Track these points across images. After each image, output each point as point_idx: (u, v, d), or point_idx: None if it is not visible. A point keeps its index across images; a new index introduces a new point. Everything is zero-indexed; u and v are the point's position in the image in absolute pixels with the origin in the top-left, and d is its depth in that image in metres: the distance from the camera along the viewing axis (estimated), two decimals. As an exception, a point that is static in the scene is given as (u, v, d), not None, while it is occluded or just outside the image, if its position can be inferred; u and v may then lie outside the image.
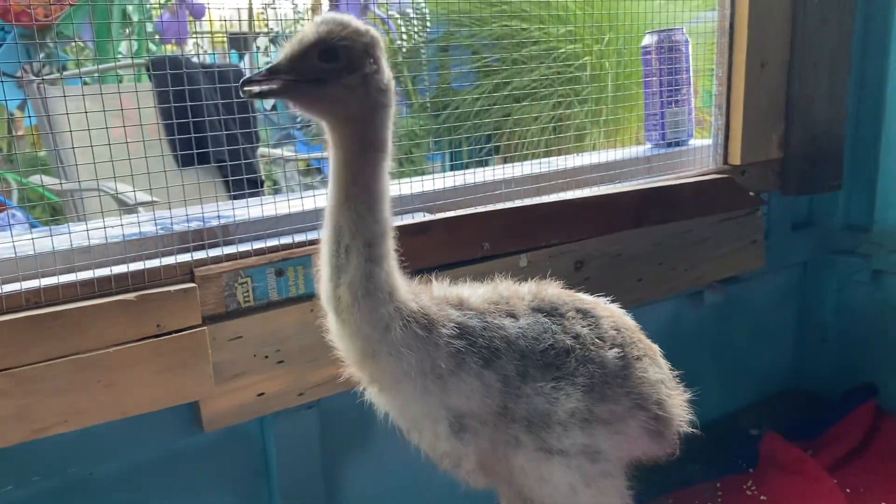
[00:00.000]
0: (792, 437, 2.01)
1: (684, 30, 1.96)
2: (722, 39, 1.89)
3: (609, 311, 1.21)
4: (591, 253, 1.71)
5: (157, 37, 3.79)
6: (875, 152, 2.08)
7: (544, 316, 1.13)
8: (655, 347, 1.23)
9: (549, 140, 3.49)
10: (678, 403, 1.19)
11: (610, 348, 1.13)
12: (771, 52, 1.90)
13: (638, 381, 1.14)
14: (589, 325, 1.14)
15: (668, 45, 1.90)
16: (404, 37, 4.18)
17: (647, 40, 1.95)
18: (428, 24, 4.11)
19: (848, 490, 1.85)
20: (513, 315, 1.11)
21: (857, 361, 2.19)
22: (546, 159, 1.86)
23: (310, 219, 1.43)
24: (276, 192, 3.44)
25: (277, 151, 3.61)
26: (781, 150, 1.98)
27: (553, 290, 1.18)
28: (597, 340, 1.13)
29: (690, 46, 1.97)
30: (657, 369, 1.19)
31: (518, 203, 1.65)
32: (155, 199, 1.85)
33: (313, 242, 1.40)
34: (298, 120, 4.54)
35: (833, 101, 2.02)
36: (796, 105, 1.96)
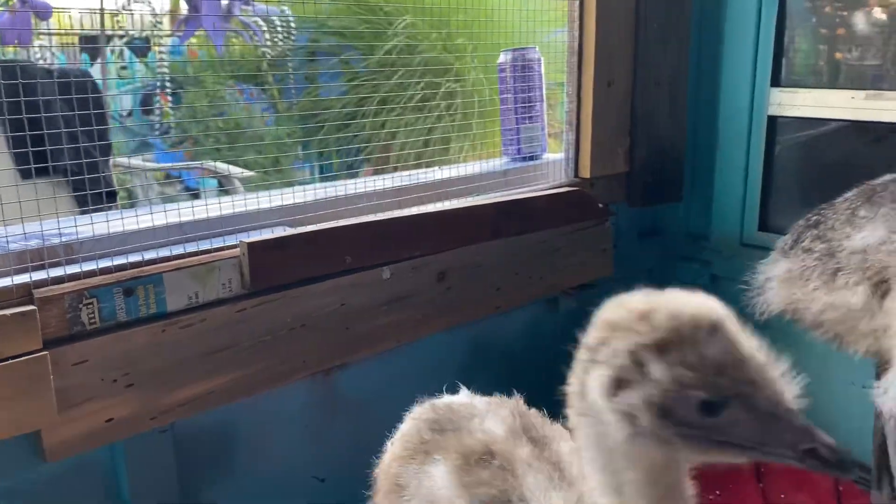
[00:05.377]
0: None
1: (537, 49, 2.05)
2: (571, 59, 1.99)
3: None
4: (453, 264, 1.75)
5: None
6: (711, 167, 2.25)
7: None
8: None
9: (421, 152, 3.54)
10: None
11: None
12: (616, 71, 2.02)
13: None
14: None
15: (522, 64, 1.98)
16: (268, 43, 4.12)
17: (502, 58, 2.02)
18: (293, 31, 4.07)
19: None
20: None
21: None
22: (408, 172, 1.89)
23: (161, 235, 1.39)
24: (132, 205, 3.28)
25: (135, 161, 3.45)
26: (627, 164, 2.11)
27: None
28: None
29: (543, 64, 2.06)
30: None
31: (380, 216, 1.67)
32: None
33: (166, 259, 1.35)
34: (156, 128, 4.36)
35: (674, 119, 2.18)
36: (640, 122, 2.09)
